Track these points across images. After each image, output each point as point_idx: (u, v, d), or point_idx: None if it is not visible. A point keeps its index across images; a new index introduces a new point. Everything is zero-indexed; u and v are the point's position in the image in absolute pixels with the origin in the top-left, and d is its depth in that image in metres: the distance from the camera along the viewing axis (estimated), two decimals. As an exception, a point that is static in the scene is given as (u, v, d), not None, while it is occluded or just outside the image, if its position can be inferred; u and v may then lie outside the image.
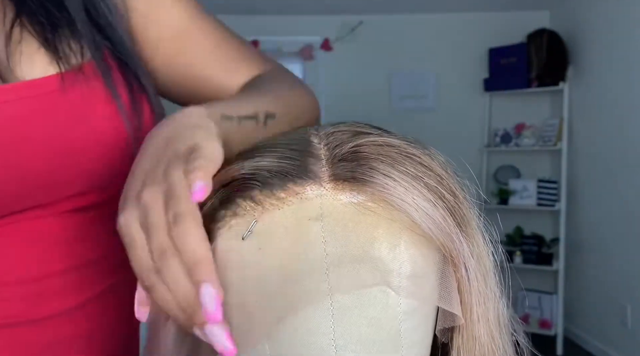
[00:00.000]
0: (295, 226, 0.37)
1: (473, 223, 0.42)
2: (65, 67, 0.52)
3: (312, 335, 0.36)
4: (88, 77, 0.53)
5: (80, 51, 0.54)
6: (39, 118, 0.50)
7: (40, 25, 0.54)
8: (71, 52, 0.53)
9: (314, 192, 0.38)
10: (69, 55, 0.53)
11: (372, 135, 0.41)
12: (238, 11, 3.73)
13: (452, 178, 0.41)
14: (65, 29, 0.54)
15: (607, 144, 3.15)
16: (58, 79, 0.51)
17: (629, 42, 2.95)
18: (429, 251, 0.39)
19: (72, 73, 0.52)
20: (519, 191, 3.66)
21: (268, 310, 0.37)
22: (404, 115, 3.90)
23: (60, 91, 0.51)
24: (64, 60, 0.52)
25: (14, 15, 0.54)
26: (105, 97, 0.53)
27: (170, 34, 0.62)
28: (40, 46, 0.53)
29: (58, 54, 0.53)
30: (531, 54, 3.59)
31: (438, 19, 3.94)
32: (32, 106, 0.50)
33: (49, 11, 0.54)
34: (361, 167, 0.38)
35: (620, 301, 3.05)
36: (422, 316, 0.39)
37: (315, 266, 0.37)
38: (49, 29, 0.54)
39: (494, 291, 0.43)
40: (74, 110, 0.52)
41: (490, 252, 0.43)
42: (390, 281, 0.37)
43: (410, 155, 0.40)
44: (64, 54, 0.53)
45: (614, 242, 3.10)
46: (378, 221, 0.38)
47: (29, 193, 0.51)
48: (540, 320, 3.55)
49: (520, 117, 3.83)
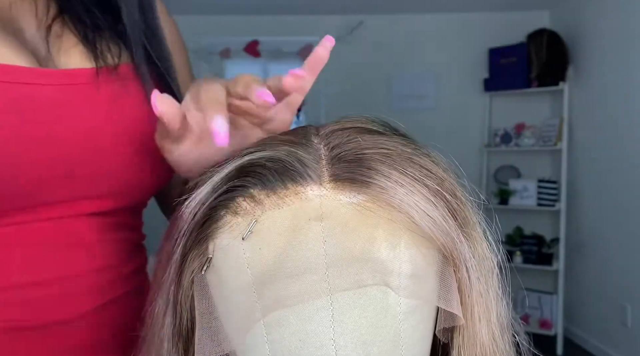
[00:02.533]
0: (295, 226, 0.37)
1: (474, 224, 0.42)
2: (100, 64, 0.54)
3: (312, 334, 0.36)
4: (123, 77, 0.55)
5: (118, 53, 0.56)
6: (72, 107, 0.51)
7: (82, 24, 0.56)
8: (108, 52, 0.55)
9: (314, 192, 0.38)
10: (106, 54, 0.55)
11: (372, 135, 0.41)
12: (238, 11, 3.73)
13: (453, 180, 0.41)
14: (106, 31, 0.56)
15: (607, 144, 3.15)
16: (93, 73, 0.53)
17: (629, 42, 2.94)
18: (429, 251, 0.39)
19: (106, 70, 0.54)
20: (519, 191, 3.66)
21: (268, 309, 0.37)
22: (404, 115, 3.88)
23: (94, 84, 0.53)
24: (101, 57, 0.54)
25: (57, 12, 0.56)
26: (138, 101, 0.55)
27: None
28: (78, 42, 0.55)
29: (96, 51, 0.55)
30: (531, 54, 3.59)
31: (438, 19, 3.94)
32: (67, 93, 0.51)
33: (93, 13, 0.57)
34: (361, 168, 0.38)
35: (620, 301, 3.05)
36: (422, 316, 0.39)
37: (315, 266, 0.37)
38: (91, 28, 0.56)
39: (496, 292, 0.42)
40: (104, 106, 0.53)
41: (493, 253, 0.43)
42: (390, 281, 0.37)
43: (410, 157, 0.40)
44: (101, 52, 0.55)
45: (614, 242, 3.10)
46: (378, 222, 0.38)
47: (55, 180, 0.51)
48: (540, 320, 3.55)
49: (520, 117, 3.83)
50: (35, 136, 0.48)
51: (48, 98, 0.50)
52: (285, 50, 3.90)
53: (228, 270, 0.39)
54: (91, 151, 0.52)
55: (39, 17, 0.55)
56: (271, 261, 0.37)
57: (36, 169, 0.49)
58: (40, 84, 0.50)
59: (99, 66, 0.54)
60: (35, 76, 0.50)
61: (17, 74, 0.49)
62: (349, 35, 3.87)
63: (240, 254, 0.38)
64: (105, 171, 0.53)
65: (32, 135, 0.48)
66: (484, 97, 3.90)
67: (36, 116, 0.49)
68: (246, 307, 0.38)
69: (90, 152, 0.52)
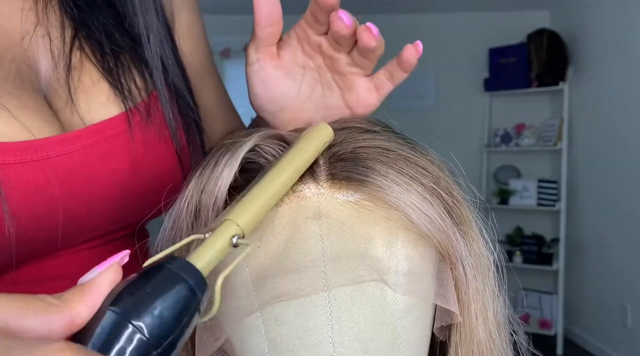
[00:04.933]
0: (292, 224, 0.38)
1: (471, 223, 0.42)
2: (129, 106, 0.49)
3: (310, 332, 0.37)
4: (152, 115, 0.51)
5: (144, 86, 0.51)
6: (106, 160, 0.47)
7: (100, 48, 0.50)
8: (135, 88, 0.51)
9: (311, 191, 0.38)
10: (133, 91, 0.50)
11: (369, 134, 0.41)
12: (238, 11, 3.74)
13: (449, 179, 0.42)
14: (126, 55, 0.52)
15: (607, 144, 3.15)
16: (124, 120, 0.49)
17: (629, 42, 2.94)
18: (426, 249, 0.39)
19: (136, 113, 0.50)
20: (519, 191, 3.66)
21: (265, 305, 0.37)
22: (404, 115, 3.90)
23: (127, 132, 0.49)
24: (130, 98, 0.50)
25: (73, 35, 0.50)
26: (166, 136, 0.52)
27: (196, 64, 0.62)
28: (101, 77, 0.50)
29: (122, 90, 0.50)
30: (531, 54, 3.59)
31: (438, 19, 3.94)
32: (99, 150, 0.47)
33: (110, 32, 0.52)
34: (358, 166, 0.38)
35: (620, 301, 3.05)
36: (420, 314, 0.40)
37: (313, 264, 0.37)
38: (111, 55, 0.51)
39: (493, 290, 0.43)
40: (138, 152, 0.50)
41: (490, 252, 0.43)
42: (387, 279, 0.37)
43: (407, 157, 0.40)
44: (128, 91, 0.50)
45: (614, 242, 3.10)
46: (375, 220, 0.38)
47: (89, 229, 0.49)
48: (540, 320, 3.55)
49: (520, 117, 3.83)
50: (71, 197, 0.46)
51: (80, 162, 0.46)
52: (286, 51, 3.89)
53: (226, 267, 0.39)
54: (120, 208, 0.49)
55: (55, 50, 0.49)
56: (269, 259, 0.37)
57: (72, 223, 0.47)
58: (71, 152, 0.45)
59: (128, 108, 0.49)
60: (64, 144, 0.45)
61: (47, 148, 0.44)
62: (349, 36, 3.87)
63: (238, 251, 0.38)
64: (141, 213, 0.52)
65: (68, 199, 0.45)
66: (484, 97, 3.90)
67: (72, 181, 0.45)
68: (244, 305, 0.38)
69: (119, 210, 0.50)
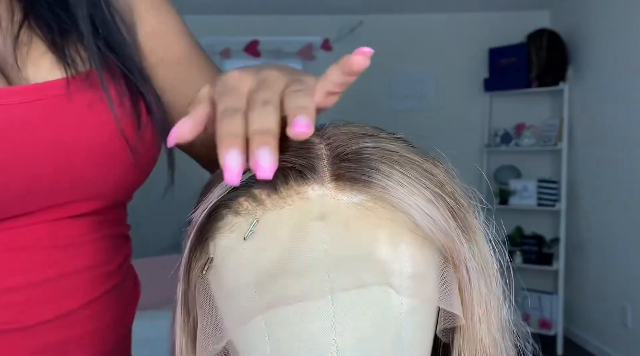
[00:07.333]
0: (296, 225, 0.37)
1: (475, 227, 0.42)
2: (71, 72, 0.52)
3: (313, 334, 0.36)
4: (93, 84, 0.53)
5: (88, 58, 0.54)
6: (46, 121, 0.50)
7: (48, 28, 0.54)
8: (79, 58, 0.54)
9: (315, 192, 0.38)
10: (77, 61, 0.53)
11: (373, 137, 0.41)
12: (238, 11, 3.74)
13: (454, 183, 0.41)
14: (73, 34, 0.55)
15: (607, 144, 3.15)
16: (64, 84, 0.52)
17: (629, 42, 2.94)
18: (430, 251, 0.39)
19: (77, 78, 0.53)
20: (519, 191, 3.67)
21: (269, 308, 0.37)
22: (404, 115, 3.90)
23: (66, 95, 0.51)
24: (71, 65, 0.53)
25: (22, 17, 0.54)
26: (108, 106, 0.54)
27: (173, 59, 0.63)
28: (47, 49, 0.53)
29: (65, 58, 0.53)
30: (531, 54, 3.59)
31: (438, 19, 3.94)
32: (39, 108, 0.50)
33: (58, 15, 0.55)
34: (362, 167, 0.38)
35: (620, 301, 3.05)
36: (423, 317, 0.39)
37: (317, 266, 0.37)
38: (58, 33, 0.54)
39: (497, 294, 0.42)
40: (78, 116, 0.52)
41: (495, 256, 0.43)
42: (391, 281, 0.37)
43: (411, 159, 0.40)
44: (71, 59, 0.53)
45: (614, 242, 3.10)
46: (379, 222, 0.38)
47: (31, 196, 0.51)
48: (540, 320, 3.55)
49: (520, 117, 3.83)
50: (11, 156, 0.48)
51: (20, 116, 0.49)
52: (286, 51, 3.90)
53: (229, 270, 0.39)
54: (66, 161, 0.51)
55: (3, 26, 0.53)
56: (272, 261, 0.37)
57: (13, 189, 0.49)
58: (11, 103, 0.49)
59: (70, 74, 0.52)
60: (5, 96, 0.49)
61: None
62: (348, 35, 3.88)
63: (242, 254, 0.38)
64: (81, 177, 0.53)
65: (8, 155, 0.48)
66: (484, 97, 3.90)
67: (10, 135, 0.48)
68: (247, 307, 0.38)
69: (66, 162, 0.51)
